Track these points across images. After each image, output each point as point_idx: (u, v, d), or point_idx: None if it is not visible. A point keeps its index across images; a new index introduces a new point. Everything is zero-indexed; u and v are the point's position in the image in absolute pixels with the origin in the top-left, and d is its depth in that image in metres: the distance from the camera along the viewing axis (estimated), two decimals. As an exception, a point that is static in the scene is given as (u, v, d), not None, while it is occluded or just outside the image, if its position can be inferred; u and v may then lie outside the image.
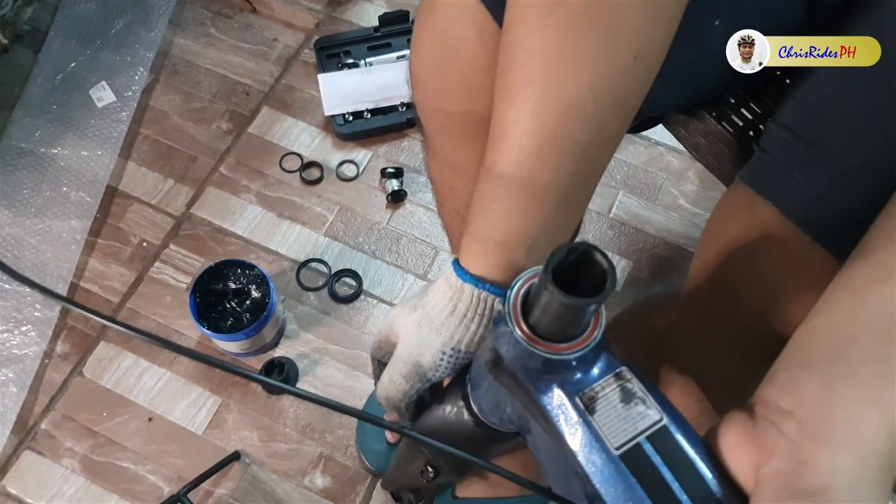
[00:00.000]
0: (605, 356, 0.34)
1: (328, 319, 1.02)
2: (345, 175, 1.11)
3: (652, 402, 0.33)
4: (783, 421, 0.30)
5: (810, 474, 0.28)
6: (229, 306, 0.93)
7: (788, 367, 0.33)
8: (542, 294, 0.31)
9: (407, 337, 0.47)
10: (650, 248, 1.09)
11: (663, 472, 0.31)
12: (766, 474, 0.29)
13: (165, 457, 0.94)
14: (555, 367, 0.33)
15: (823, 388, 0.30)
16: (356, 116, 1.12)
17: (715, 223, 0.55)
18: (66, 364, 0.99)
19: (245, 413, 0.97)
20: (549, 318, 0.32)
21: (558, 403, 0.33)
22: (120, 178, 1.11)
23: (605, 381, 0.34)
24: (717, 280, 0.52)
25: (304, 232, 1.08)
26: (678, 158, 1.15)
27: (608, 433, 0.32)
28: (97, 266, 1.05)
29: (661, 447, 0.32)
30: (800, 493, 0.28)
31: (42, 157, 1.10)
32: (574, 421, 0.33)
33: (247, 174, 1.11)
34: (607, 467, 0.31)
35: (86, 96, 1.14)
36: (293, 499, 0.92)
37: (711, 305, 0.53)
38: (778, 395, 0.31)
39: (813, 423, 0.29)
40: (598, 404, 0.33)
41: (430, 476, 0.53)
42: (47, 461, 0.94)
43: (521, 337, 0.33)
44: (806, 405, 0.30)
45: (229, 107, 1.17)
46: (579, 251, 0.31)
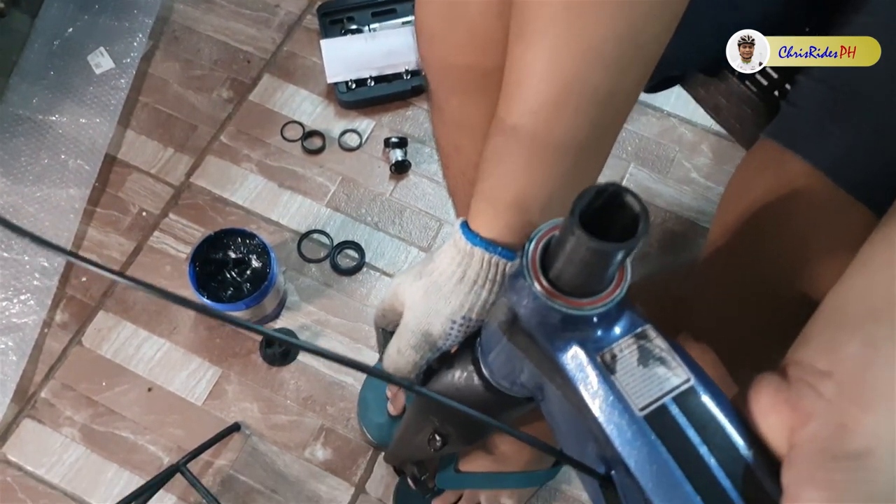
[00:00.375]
0: (629, 314, 0.32)
1: (330, 292, 1.01)
2: (347, 145, 1.09)
3: (678, 362, 0.31)
4: (821, 382, 0.28)
5: (851, 438, 0.26)
6: (229, 276, 0.91)
7: (824, 328, 0.31)
8: (566, 241, 0.29)
9: (414, 305, 0.45)
10: (661, 222, 1.06)
11: (690, 435, 0.29)
12: (803, 438, 0.27)
13: (165, 427, 0.93)
14: (575, 324, 0.31)
15: (864, 349, 0.28)
16: (359, 84, 1.09)
17: (738, 182, 0.52)
18: (65, 333, 0.98)
19: (245, 384, 0.95)
20: (573, 269, 0.30)
21: (578, 363, 0.31)
22: (119, 147, 1.09)
23: (627, 340, 0.31)
24: (740, 240, 0.49)
25: (306, 202, 1.06)
26: (691, 131, 1.12)
27: (631, 393, 0.30)
28: (96, 235, 1.04)
29: (688, 409, 0.30)
30: (840, 457, 0.26)
31: (40, 125, 1.08)
32: (595, 381, 0.31)
33: (247, 143, 1.09)
34: (630, 429, 0.29)
35: (84, 63, 1.12)
36: (293, 471, 0.91)
37: (734, 268, 0.50)
38: (814, 357, 0.29)
39: (854, 385, 0.27)
40: (620, 363, 0.31)
41: (438, 445, 0.51)
42: (47, 429, 0.93)
43: (540, 291, 0.31)
44: (845, 366, 0.28)
45: (230, 74, 1.14)
46: (608, 193, 0.28)
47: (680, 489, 0.28)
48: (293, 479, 0.91)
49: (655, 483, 0.29)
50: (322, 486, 0.91)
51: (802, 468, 0.27)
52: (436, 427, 0.52)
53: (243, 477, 0.91)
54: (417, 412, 0.55)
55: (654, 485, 0.29)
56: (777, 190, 0.47)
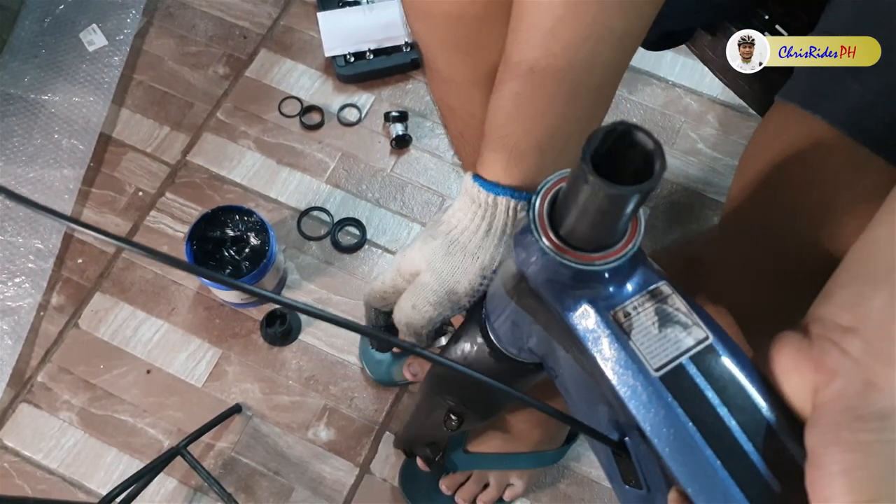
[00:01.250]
0: (642, 270, 0.30)
1: (331, 269, 0.99)
2: (347, 119, 1.06)
3: (696, 320, 0.29)
4: (845, 339, 0.26)
5: (879, 396, 0.25)
6: (228, 254, 0.89)
7: (847, 283, 0.29)
8: (577, 191, 0.27)
9: (435, 265, 0.42)
10: (667, 194, 1.04)
11: (709, 396, 0.28)
12: (828, 397, 0.26)
13: (165, 410, 0.91)
14: (585, 281, 0.29)
15: (890, 303, 0.26)
16: (358, 57, 1.06)
17: (756, 145, 0.50)
18: (61, 316, 0.96)
19: (246, 365, 0.93)
20: (585, 221, 0.28)
21: (589, 322, 0.29)
22: (114, 126, 1.07)
23: (641, 297, 0.30)
24: (759, 201, 0.48)
25: (305, 179, 1.03)
26: (697, 101, 1.09)
27: (646, 353, 0.28)
28: (92, 216, 1.02)
29: (707, 369, 0.28)
30: (867, 416, 0.25)
31: (32, 104, 1.06)
32: (607, 341, 0.29)
33: (245, 119, 1.07)
34: (645, 390, 0.28)
35: (76, 40, 1.09)
36: (297, 452, 0.90)
37: (753, 228, 0.49)
38: (837, 313, 0.28)
39: (880, 340, 0.26)
40: (635, 322, 0.29)
41: (455, 424, 0.50)
42: (44, 414, 0.91)
43: (549, 246, 0.29)
44: (871, 322, 0.26)
45: (226, 50, 1.12)
46: (618, 133, 0.26)
47: (699, 453, 0.27)
48: (296, 460, 0.89)
49: (673, 447, 0.27)
50: (326, 467, 0.89)
51: (827, 429, 0.26)
52: (450, 406, 0.50)
53: (245, 459, 0.89)
54: (430, 394, 0.53)
55: (672, 449, 0.27)
56: (796, 149, 0.45)
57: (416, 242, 0.45)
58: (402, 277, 0.46)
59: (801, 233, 0.45)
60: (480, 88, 0.53)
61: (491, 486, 0.84)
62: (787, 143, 0.46)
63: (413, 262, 0.44)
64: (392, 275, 0.46)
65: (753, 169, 0.49)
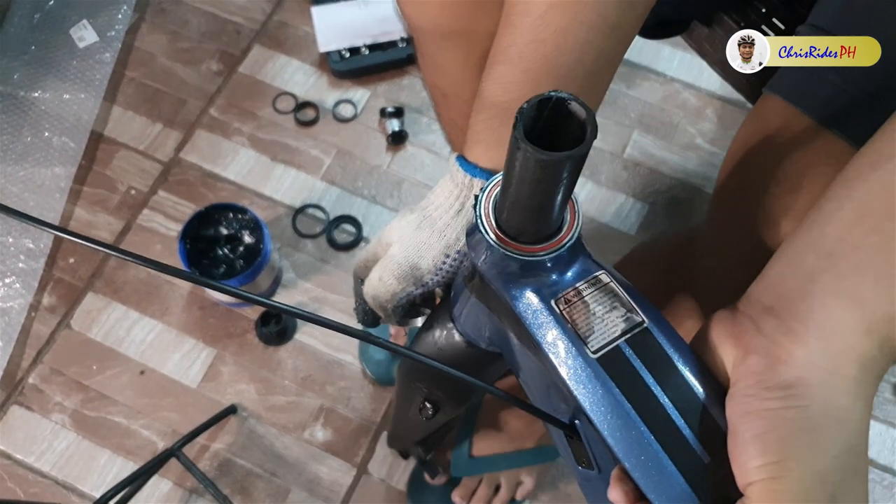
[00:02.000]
0: (583, 258, 0.32)
1: (326, 268, 0.97)
2: (342, 115, 1.05)
3: (633, 306, 0.31)
4: (763, 318, 0.29)
5: (784, 369, 0.27)
6: (221, 252, 0.88)
7: (776, 263, 0.31)
8: (513, 161, 0.27)
9: (404, 238, 0.42)
10: (666, 189, 1.03)
11: (644, 376, 0.30)
12: (742, 371, 0.29)
13: (159, 411, 0.90)
14: (530, 271, 0.32)
15: (804, 283, 0.29)
16: (353, 53, 1.05)
17: (740, 136, 0.52)
18: (52, 317, 0.95)
19: (241, 365, 0.92)
20: (522, 197, 0.29)
21: (533, 309, 0.32)
22: (105, 123, 1.05)
23: (582, 284, 0.32)
24: (741, 189, 0.49)
25: (300, 176, 1.02)
26: (695, 96, 1.08)
27: (585, 337, 0.31)
28: (83, 215, 1.00)
29: (642, 350, 0.30)
30: (773, 387, 0.27)
31: (22, 101, 1.04)
32: (549, 325, 0.31)
33: (238, 116, 1.05)
34: (584, 371, 0.30)
35: (66, 36, 1.07)
36: (293, 453, 0.88)
37: (735, 216, 0.50)
38: (762, 291, 0.30)
39: (790, 318, 0.28)
40: (575, 308, 0.31)
41: (430, 413, 0.50)
42: (36, 416, 0.90)
43: (494, 240, 0.31)
44: (785, 301, 0.29)
45: (219, 46, 1.10)
46: (553, 102, 0.27)
47: (635, 430, 0.29)
48: (293, 461, 0.88)
49: (611, 425, 0.29)
50: (323, 468, 0.88)
51: (740, 400, 0.28)
52: (425, 395, 0.51)
53: (241, 460, 0.88)
54: (404, 381, 0.54)
55: (610, 427, 0.29)
56: (776, 140, 0.47)
57: (403, 211, 0.45)
58: (381, 247, 0.46)
59: (777, 221, 0.46)
60: (472, 74, 0.53)
61: (503, 488, 0.83)
62: (768, 134, 0.48)
63: (391, 233, 0.44)
64: (374, 243, 0.46)
65: (737, 158, 0.50)
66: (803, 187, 0.44)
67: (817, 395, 0.27)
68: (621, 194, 1.03)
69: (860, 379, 0.27)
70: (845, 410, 0.27)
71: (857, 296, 0.28)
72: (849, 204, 0.30)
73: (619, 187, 1.03)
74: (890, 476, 0.89)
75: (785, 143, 0.46)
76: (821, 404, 0.27)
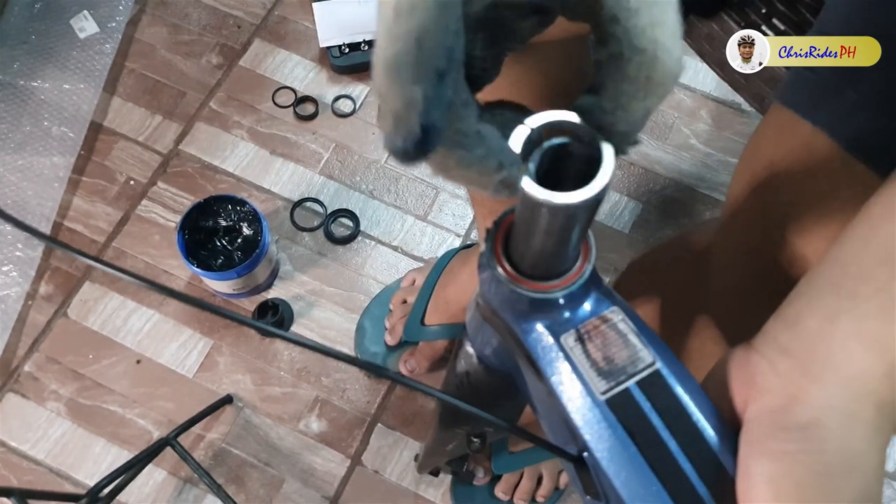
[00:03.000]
0: (596, 294, 0.31)
1: (324, 261, 0.98)
2: (341, 111, 1.06)
3: (644, 345, 0.30)
4: (778, 358, 0.28)
5: (800, 409, 0.26)
6: (220, 244, 0.89)
7: (795, 300, 0.30)
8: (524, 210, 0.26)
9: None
10: (661, 189, 1.04)
11: (653, 420, 0.29)
12: (756, 411, 0.27)
13: (154, 400, 0.90)
14: (542, 307, 0.31)
15: (824, 323, 0.28)
16: (353, 48, 1.06)
17: (754, 149, 0.50)
18: (49, 305, 0.95)
19: (237, 356, 0.93)
20: (534, 243, 0.28)
21: (543, 345, 0.31)
22: (105, 114, 1.06)
23: (594, 322, 0.31)
24: (756, 208, 0.48)
25: (299, 170, 1.03)
26: (690, 96, 1.10)
27: (594, 377, 0.30)
28: (82, 205, 1.01)
29: (652, 393, 0.29)
30: (789, 427, 0.26)
31: (21, 90, 1.04)
32: (558, 364, 0.30)
33: (238, 109, 1.06)
34: (592, 412, 0.29)
35: (66, 26, 1.08)
36: (288, 443, 0.89)
37: (752, 233, 0.49)
38: (778, 329, 0.29)
39: (807, 359, 0.27)
40: (585, 346, 0.30)
41: (478, 445, 0.49)
42: (31, 404, 0.90)
43: (504, 276, 0.30)
44: (803, 341, 0.28)
45: (219, 40, 1.11)
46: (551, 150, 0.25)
47: (641, 473, 0.28)
48: (287, 451, 0.89)
49: (617, 467, 0.29)
50: (317, 459, 0.88)
51: (754, 441, 0.27)
52: (468, 431, 0.50)
53: (236, 450, 0.89)
54: (444, 429, 0.53)
55: (616, 469, 0.29)
56: (792, 158, 0.45)
57: None
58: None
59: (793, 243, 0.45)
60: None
61: (545, 479, 0.84)
62: (785, 152, 0.46)
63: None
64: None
65: (752, 173, 0.49)
66: (822, 212, 0.43)
67: (834, 438, 0.26)
68: (615, 193, 1.04)
69: (877, 424, 0.26)
70: (862, 456, 0.26)
71: (878, 339, 0.27)
72: (873, 245, 0.29)
73: (613, 186, 1.04)
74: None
75: (801, 162, 0.45)
76: (837, 449, 0.26)
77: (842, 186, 0.43)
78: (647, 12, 0.21)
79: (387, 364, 0.91)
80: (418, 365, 0.89)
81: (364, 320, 0.94)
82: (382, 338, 0.91)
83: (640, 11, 0.21)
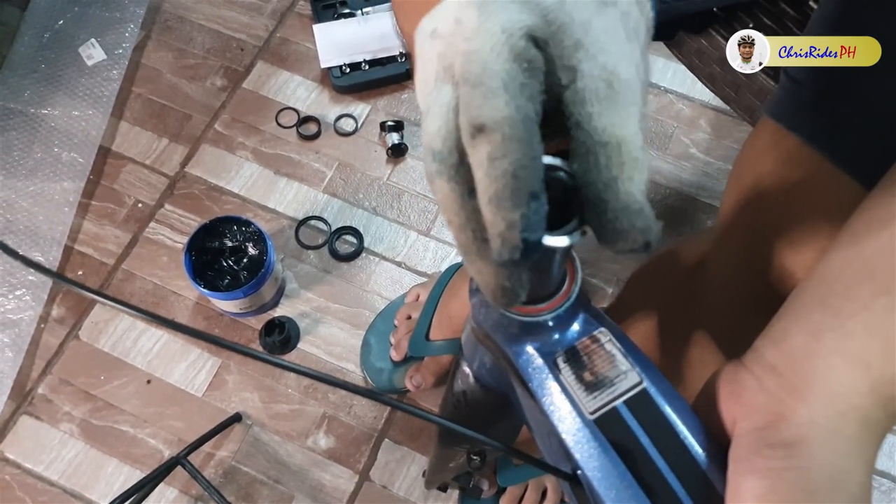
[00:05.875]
0: (584, 316, 0.32)
1: (329, 278, 0.99)
2: (343, 129, 1.07)
3: (632, 365, 0.31)
4: (766, 374, 0.28)
5: (786, 427, 0.27)
6: (226, 264, 0.90)
7: (782, 317, 0.31)
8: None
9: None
10: (661, 199, 1.05)
11: (640, 438, 0.30)
12: (744, 428, 0.28)
13: (165, 419, 0.92)
14: (531, 330, 0.32)
15: (809, 340, 0.28)
16: (353, 68, 1.08)
17: (745, 162, 0.50)
18: (61, 328, 0.97)
19: (245, 374, 0.94)
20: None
21: (534, 366, 0.32)
22: (113, 139, 1.08)
23: (583, 342, 0.32)
24: (748, 221, 0.49)
25: (303, 189, 1.04)
26: (689, 106, 1.10)
27: (583, 397, 0.30)
28: (91, 228, 1.03)
29: (640, 412, 0.30)
30: (775, 444, 0.26)
31: (32, 118, 1.07)
32: (548, 384, 0.31)
33: (242, 131, 1.08)
34: (581, 432, 0.30)
35: (75, 54, 1.10)
36: (296, 460, 0.90)
37: (744, 246, 0.49)
38: (766, 346, 0.30)
39: (793, 376, 0.28)
40: (574, 367, 0.31)
41: (478, 463, 0.50)
42: (45, 426, 0.92)
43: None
44: (789, 358, 0.28)
45: (223, 63, 1.13)
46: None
47: (630, 493, 0.29)
48: (296, 468, 0.90)
49: (606, 487, 0.29)
50: (325, 475, 0.89)
51: (741, 459, 0.27)
52: (468, 449, 0.51)
53: (245, 468, 0.90)
54: (444, 447, 0.54)
55: (605, 488, 0.29)
56: (781, 171, 0.46)
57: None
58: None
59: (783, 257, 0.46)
60: None
61: (550, 491, 0.84)
62: (773, 165, 0.47)
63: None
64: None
65: (741, 187, 0.49)
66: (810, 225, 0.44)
67: (819, 455, 0.26)
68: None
69: (862, 439, 0.27)
70: (847, 473, 0.26)
71: (862, 356, 0.27)
72: (857, 262, 0.29)
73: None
74: (888, 482, 0.90)
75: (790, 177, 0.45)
76: (822, 466, 0.26)
77: (830, 199, 0.43)
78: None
79: (393, 379, 0.91)
80: (424, 380, 0.90)
81: (369, 336, 0.95)
82: (388, 353, 0.92)
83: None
